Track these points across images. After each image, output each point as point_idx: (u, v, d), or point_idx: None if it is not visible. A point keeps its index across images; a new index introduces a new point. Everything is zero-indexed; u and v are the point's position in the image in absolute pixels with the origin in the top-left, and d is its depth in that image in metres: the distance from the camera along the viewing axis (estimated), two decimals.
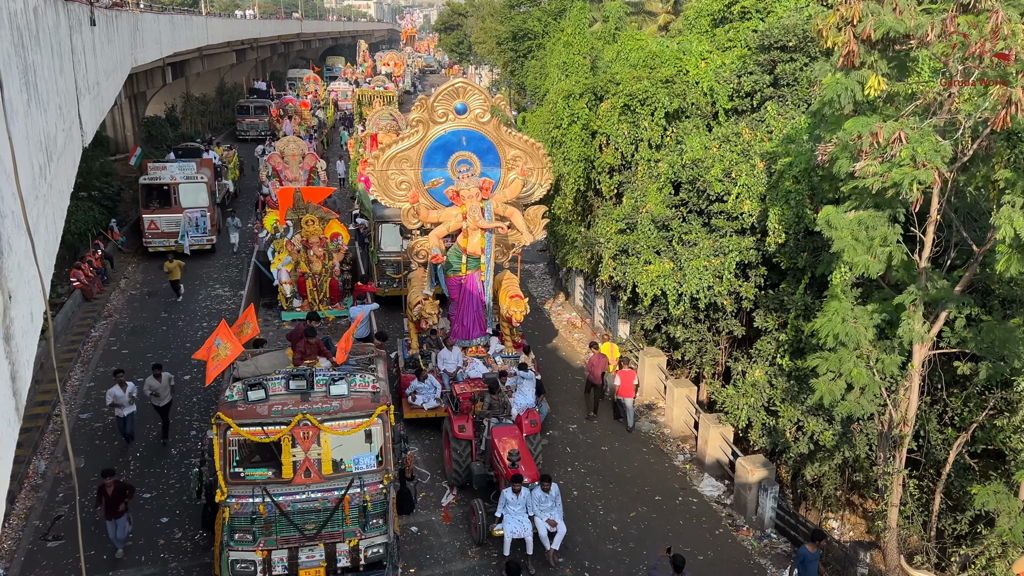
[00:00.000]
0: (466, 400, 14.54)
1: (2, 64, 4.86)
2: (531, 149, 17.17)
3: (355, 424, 10.80)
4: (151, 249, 26.41)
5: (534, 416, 14.63)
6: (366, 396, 11.01)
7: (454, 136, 16.62)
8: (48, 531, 12.87)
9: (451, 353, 16.53)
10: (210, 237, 26.96)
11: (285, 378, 10.94)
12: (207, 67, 48.59)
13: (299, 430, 10.56)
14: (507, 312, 16.73)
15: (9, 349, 4.26)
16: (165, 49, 30.82)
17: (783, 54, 17.49)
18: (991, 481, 11.48)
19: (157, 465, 14.86)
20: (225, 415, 10.46)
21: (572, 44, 26.78)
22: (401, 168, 16.71)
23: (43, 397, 16.63)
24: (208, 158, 30.52)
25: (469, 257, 16.90)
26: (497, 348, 17.41)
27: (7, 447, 4.18)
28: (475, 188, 16.48)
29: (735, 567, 13.05)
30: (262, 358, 12.61)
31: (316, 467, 10.68)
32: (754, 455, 14.88)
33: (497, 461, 13.32)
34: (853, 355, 10.98)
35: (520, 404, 14.70)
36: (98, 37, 14.24)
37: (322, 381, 10.97)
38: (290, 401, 10.73)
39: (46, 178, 6.52)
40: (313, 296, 17.64)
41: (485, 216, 16.55)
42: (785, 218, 14.00)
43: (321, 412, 10.66)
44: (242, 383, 10.83)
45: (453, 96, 16.52)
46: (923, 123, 9.79)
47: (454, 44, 71.33)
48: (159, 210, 26.46)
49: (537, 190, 17.54)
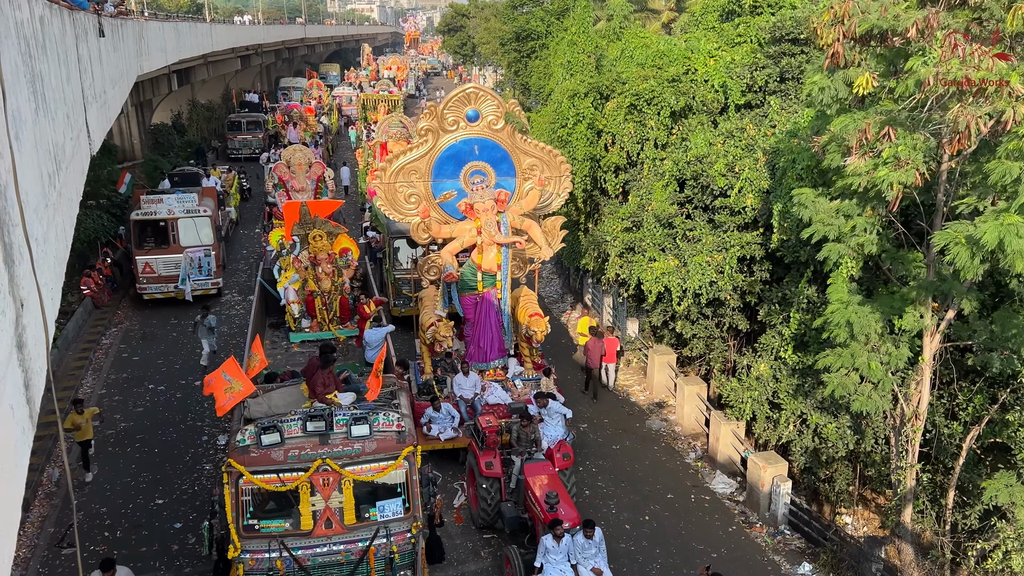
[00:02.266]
0: (492, 433, 13.28)
1: (10, 73, 4.89)
2: (548, 157, 16.06)
3: (380, 468, 9.97)
4: (146, 296, 22.84)
5: (566, 448, 13.58)
6: (391, 436, 10.15)
7: (466, 145, 15.56)
8: (62, 539, 12.93)
9: (468, 378, 15.29)
10: (216, 280, 23.47)
11: (302, 419, 10.06)
12: (212, 73, 48.58)
13: (318, 476, 9.77)
14: (527, 331, 15.63)
15: (22, 356, 4.28)
16: (170, 57, 30.89)
17: (794, 47, 17.45)
18: (1001, 474, 11.42)
19: (170, 471, 14.92)
20: (236, 462, 9.65)
21: (576, 43, 26.74)
22: (410, 180, 15.66)
23: (56, 404, 16.70)
24: (211, 186, 27.36)
25: (485, 274, 15.67)
26: (516, 370, 16.22)
27: (22, 454, 4.21)
28: (490, 200, 15.39)
29: (748, 564, 13.02)
30: (275, 395, 11.55)
31: (338, 517, 9.92)
32: (766, 452, 14.86)
33: (532, 503, 12.18)
34: (865, 349, 10.95)
35: (551, 436, 13.73)
36: (104, 46, 14.31)
37: (342, 421, 10.09)
38: (308, 445, 9.89)
39: (55, 186, 6.56)
40: (323, 316, 16.72)
41: (501, 230, 15.37)
42: (789, 214, 13.99)
43: (342, 456, 9.86)
44: (254, 426, 9.96)
45: (464, 102, 15.48)
46: (919, 117, 9.76)
47: (457, 46, 71.34)
48: (155, 250, 22.70)
49: (555, 200, 16.47)
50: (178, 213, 22.71)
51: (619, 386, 19.10)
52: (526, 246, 16.00)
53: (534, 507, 12.11)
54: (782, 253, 14.98)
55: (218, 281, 23.57)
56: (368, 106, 44.08)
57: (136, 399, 17.74)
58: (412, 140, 24.53)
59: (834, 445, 13.72)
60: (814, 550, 13.42)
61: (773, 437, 14.88)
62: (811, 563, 13.04)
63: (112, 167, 29.53)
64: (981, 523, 12.12)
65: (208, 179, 28.98)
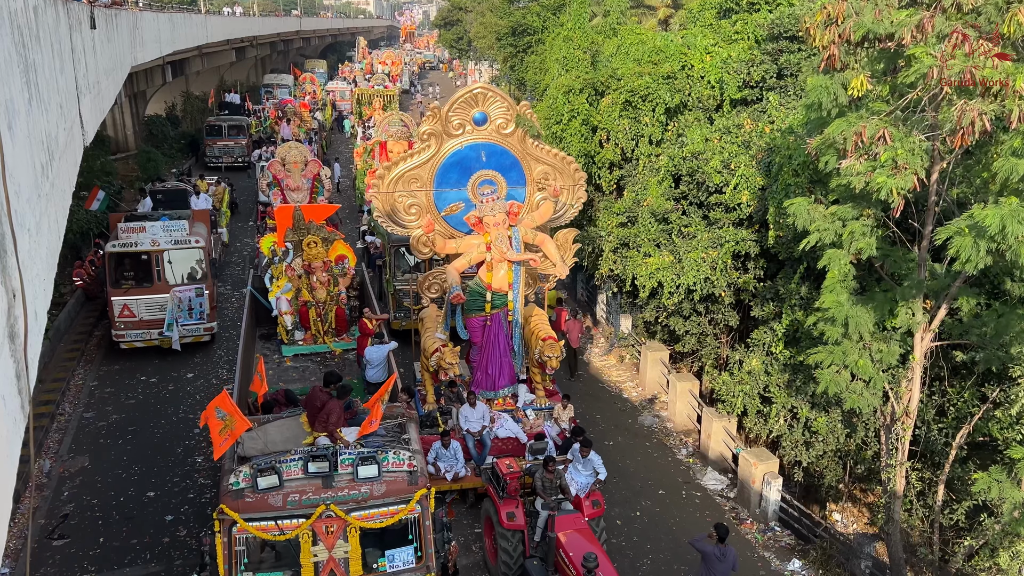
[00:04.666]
0: (514, 480, 11.84)
1: (3, 63, 4.87)
2: (562, 164, 14.83)
3: (390, 513, 9.06)
4: (124, 345, 18.69)
5: (596, 496, 12.25)
6: (401, 477, 9.20)
7: (472, 151, 14.29)
8: (53, 530, 12.92)
9: (475, 410, 13.77)
10: (209, 325, 19.26)
11: (303, 459, 9.12)
12: (207, 65, 48.37)
13: (321, 523, 8.84)
14: (540, 356, 14.05)
15: (14, 347, 4.28)
16: (165, 48, 30.77)
17: (791, 44, 17.49)
18: (994, 468, 11.51)
19: (160, 463, 14.90)
20: (230, 508, 8.66)
21: (572, 39, 26.76)
22: (411, 189, 14.35)
23: (47, 397, 16.68)
24: (203, 208, 23.13)
25: (494, 294, 14.17)
26: (527, 398, 14.78)
27: (14, 445, 4.21)
28: (501, 214, 13.94)
29: (739, 560, 13.06)
30: (272, 428, 10.33)
31: (343, 568, 8.93)
32: (757, 448, 14.93)
33: (565, 564, 10.86)
34: (857, 347, 11.02)
35: (581, 483, 12.22)
36: (98, 36, 14.25)
37: (348, 461, 9.14)
38: (310, 488, 8.92)
39: (48, 177, 6.54)
40: (317, 328, 15.74)
41: (513, 246, 13.96)
42: (785, 212, 14.05)
43: (348, 500, 8.92)
44: (250, 467, 8.97)
45: (471, 104, 14.21)
46: (912, 119, 9.82)
47: (454, 40, 71.22)
48: (136, 290, 18.53)
49: (568, 211, 15.19)
50: (164, 244, 18.71)
51: (612, 382, 19.15)
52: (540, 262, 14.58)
53: (568, 569, 10.79)
54: (776, 250, 15.04)
55: (212, 326, 19.42)
56: (363, 101, 43.71)
57: (128, 391, 17.70)
58: (413, 140, 24.12)
59: (824, 439, 13.82)
60: (804, 547, 13.50)
61: (764, 432, 14.96)
62: (801, 559, 13.11)
63: (105, 158, 29.28)
64: (969, 520, 12.21)
65: (198, 198, 25.19)
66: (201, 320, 18.97)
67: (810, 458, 14.23)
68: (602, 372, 19.66)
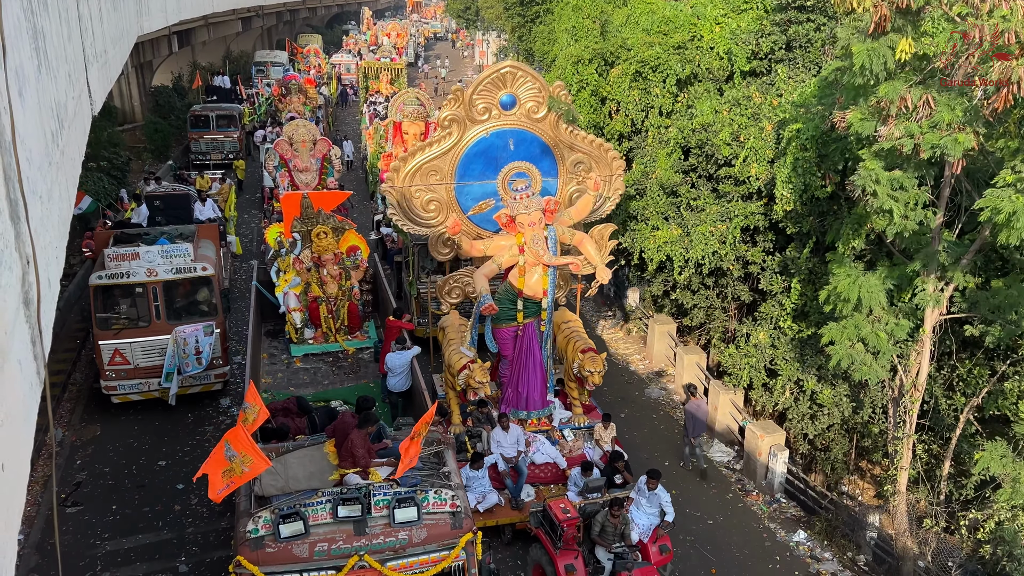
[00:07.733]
0: (572, 527, 10.29)
1: (12, 28, 4.84)
2: (599, 152, 13.52)
3: (432, 561, 7.99)
4: (116, 399, 15.09)
5: (664, 540, 10.93)
6: (444, 520, 8.11)
7: (499, 139, 12.90)
8: (67, 497, 13.09)
9: (508, 434, 12.24)
10: (221, 371, 15.45)
11: (332, 502, 7.98)
12: (213, 35, 48.04)
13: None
14: (579, 371, 12.64)
15: (29, 313, 4.30)
16: (171, 17, 30.53)
17: (800, 14, 17.24)
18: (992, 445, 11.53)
19: (171, 433, 15.04)
20: (248, 560, 7.63)
21: (581, 8, 26.40)
22: (429, 183, 13.00)
23: (59, 366, 16.80)
24: (210, 223, 18.53)
25: (527, 301, 12.60)
26: (562, 415, 13.36)
27: (31, 409, 4.25)
28: (537, 212, 12.26)
29: (745, 531, 13.18)
30: (292, 460, 8.80)
31: None
32: (763, 421, 14.98)
33: None
34: (868, 320, 11.01)
35: (644, 526, 10.94)
36: (104, 4, 14.14)
37: (383, 503, 8.02)
38: (340, 535, 7.86)
39: (59, 145, 6.53)
40: (328, 325, 14.72)
41: (549, 247, 12.33)
42: (793, 184, 13.94)
43: (384, 549, 7.87)
44: (271, 511, 7.86)
45: (498, 85, 12.75)
46: (938, 86, 9.72)
47: (461, 10, 70.43)
48: (128, 331, 14.63)
49: (604, 204, 13.90)
50: (163, 274, 14.63)
51: (619, 355, 19.18)
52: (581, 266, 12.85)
53: None
54: (784, 224, 14.97)
55: (224, 372, 15.57)
56: (369, 75, 42.92)
57: None
58: (431, 120, 22.47)
59: (830, 412, 13.86)
60: (809, 518, 13.60)
61: (770, 404, 15.01)
62: (806, 531, 13.22)
63: (112, 129, 29.14)
64: (976, 493, 12.26)
65: (203, 205, 20.80)
66: (210, 367, 15.19)
67: (816, 430, 14.29)
68: (609, 345, 19.69)
